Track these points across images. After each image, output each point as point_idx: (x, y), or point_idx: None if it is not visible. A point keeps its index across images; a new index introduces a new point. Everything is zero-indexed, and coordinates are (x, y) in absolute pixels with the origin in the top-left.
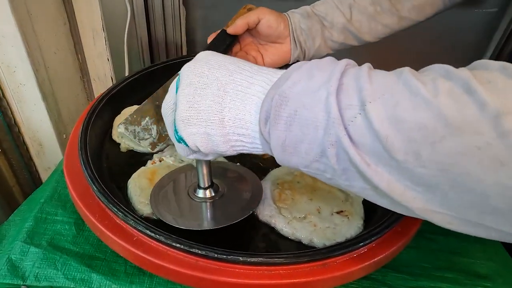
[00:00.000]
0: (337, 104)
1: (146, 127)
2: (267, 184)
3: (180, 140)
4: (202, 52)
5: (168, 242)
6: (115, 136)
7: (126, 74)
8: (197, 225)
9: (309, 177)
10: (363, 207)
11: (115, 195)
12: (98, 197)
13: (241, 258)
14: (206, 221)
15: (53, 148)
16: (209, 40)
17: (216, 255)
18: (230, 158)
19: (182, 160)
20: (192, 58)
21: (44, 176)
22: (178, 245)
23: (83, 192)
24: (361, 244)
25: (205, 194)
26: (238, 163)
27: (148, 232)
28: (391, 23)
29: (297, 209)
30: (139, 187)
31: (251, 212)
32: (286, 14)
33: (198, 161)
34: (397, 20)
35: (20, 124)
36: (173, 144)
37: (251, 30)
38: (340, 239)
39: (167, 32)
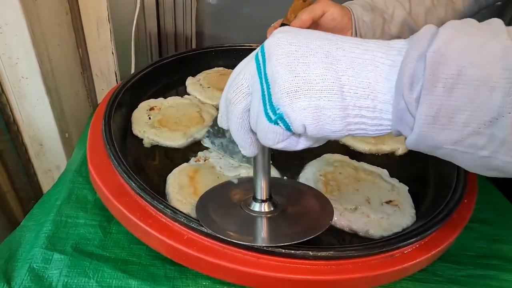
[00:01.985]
0: None
1: (232, 138)
2: (308, 175)
3: (279, 119)
4: (280, 28)
5: (228, 239)
6: (136, 131)
7: (132, 68)
8: (253, 240)
9: (351, 167)
10: (410, 196)
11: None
12: (140, 195)
13: (311, 253)
14: (261, 237)
15: (55, 148)
16: (268, 35)
17: (283, 251)
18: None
19: (231, 167)
20: (205, 51)
21: (43, 179)
22: (240, 242)
23: (117, 190)
24: (428, 232)
25: (262, 207)
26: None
27: (204, 229)
28: (445, 16)
29: (346, 200)
30: (178, 183)
31: (317, 233)
32: (347, 7)
33: (256, 170)
34: (451, 13)
35: (19, 122)
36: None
37: (310, 25)
38: (397, 229)
39: (177, 24)
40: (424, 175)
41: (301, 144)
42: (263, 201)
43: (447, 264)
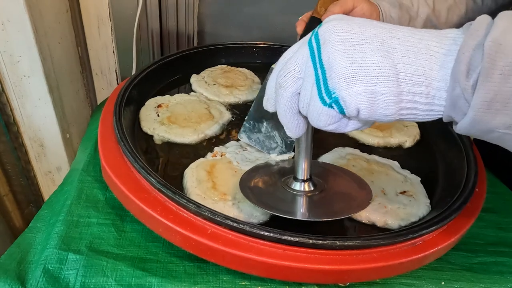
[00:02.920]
0: None
1: (268, 134)
2: None
3: (334, 103)
4: (333, 15)
5: (255, 231)
6: (145, 128)
7: (134, 67)
8: (293, 215)
9: (363, 160)
10: (423, 187)
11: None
12: (160, 190)
13: (338, 243)
14: (306, 212)
15: (56, 149)
16: (298, 27)
17: (310, 241)
18: None
19: (248, 161)
20: (207, 49)
21: (43, 181)
22: (267, 233)
23: (135, 187)
24: (447, 220)
25: (302, 187)
26: None
27: (230, 223)
28: (465, 13)
29: None
30: (197, 178)
31: (359, 210)
32: (376, 3)
33: (300, 151)
34: (471, 10)
35: (19, 122)
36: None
37: None
38: (414, 218)
39: (179, 22)
40: (433, 166)
41: (350, 127)
42: (303, 181)
43: (460, 252)
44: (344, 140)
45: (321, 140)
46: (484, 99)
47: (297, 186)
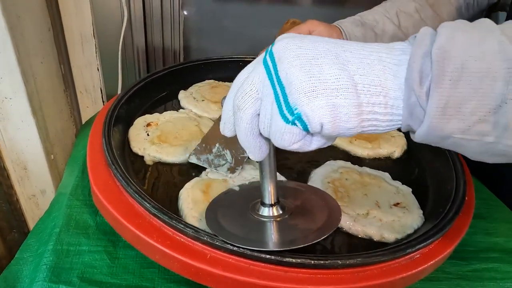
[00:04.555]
0: None
1: (218, 153)
2: (317, 184)
3: (297, 119)
4: (283, 35)
5: (256, 254)
6: (135, 148)
7: (119, 84)
8: (266, 246)
9: (355, 173)
10: (415, 197)
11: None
12: (155, 215)
13: (339, 262)
14: (274, 241)
15: (40, 171)
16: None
17: (312, 262)
18: None
19: (243, 180)
20: (194, 64)
21: (27, 205)
22: (268, 256)
23: (129, 212)
24: (443, 231)
25: (271, 212)
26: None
27: (229, 247)
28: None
29: (357, 205)
30: (192, 199)
31: (328, 233)
32: (336, 24)
33: (263, 175)
34: (437, 26)
35: (1, 146)
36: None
37: None
38: (410, 230)
39: (165, 38)
40: (422, 175)
41: (314, 144)
42: (271, 205)
43: (453, 260)
44: (334, 152)
45: (311, 155)
46: (438, 105)
47: (265, 211)
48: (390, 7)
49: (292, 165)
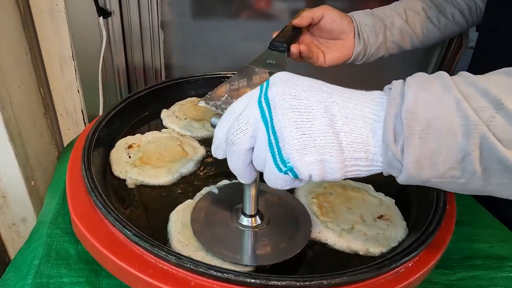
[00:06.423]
0: (471, 108)
1: (226, 101)
2: (301, 199)
3: (289, 170)
4: (279, 73)
5: (240, 279)
6: (117, 172)
7: (100, 105)
8: (246, 260)
9: (339, 186)
10: (398, 209)
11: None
12: (137, 243)
13: (325, 282)
14: (255, 255)
15: (20, 199)
16: (274, 35)
17: (298, 284)
18: None
19: None
20: (176, 82)
21: (7, 235)
22: (253, 280)
23: (109, 241)
24: (426, 243)
25: (250, 222)
26: None
27: (213, 273)
28: (433, 29)
29: (342, 220)
30: (181, 222)
31: (303, 246)
32: (348, 14)
33: (246, 186)
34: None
35: None
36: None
37: (311, 29)
38: (394, 243)
39: (145, 57)
40: (404, 185)
41: (303, 184)
42: (251, 216)
43: (439, 270)
44: None
45: None
46: (412, 160)
47: (244, 221)
48: (399, 5)
49: None
